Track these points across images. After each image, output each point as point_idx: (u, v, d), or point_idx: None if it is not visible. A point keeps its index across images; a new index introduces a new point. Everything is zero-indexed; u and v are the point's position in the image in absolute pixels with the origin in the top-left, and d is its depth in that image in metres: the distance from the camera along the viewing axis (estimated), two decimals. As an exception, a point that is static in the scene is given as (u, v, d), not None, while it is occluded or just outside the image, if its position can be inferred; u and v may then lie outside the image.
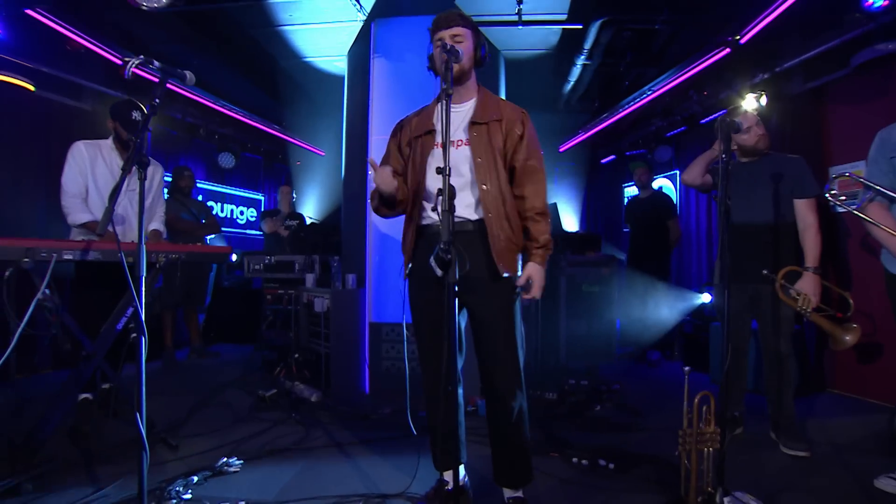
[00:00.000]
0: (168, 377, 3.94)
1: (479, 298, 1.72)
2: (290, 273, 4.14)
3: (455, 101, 1.79)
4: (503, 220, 1.69)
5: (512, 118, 1.75)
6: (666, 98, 4.93)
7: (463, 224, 1.71)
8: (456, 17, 1.73)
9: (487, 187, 1.68)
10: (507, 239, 1.69)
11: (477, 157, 1.70)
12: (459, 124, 1.77)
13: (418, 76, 3.42)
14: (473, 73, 1.81)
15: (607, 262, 4.34)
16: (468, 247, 1.67)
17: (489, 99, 1.80)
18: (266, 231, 5.19)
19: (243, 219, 7.04)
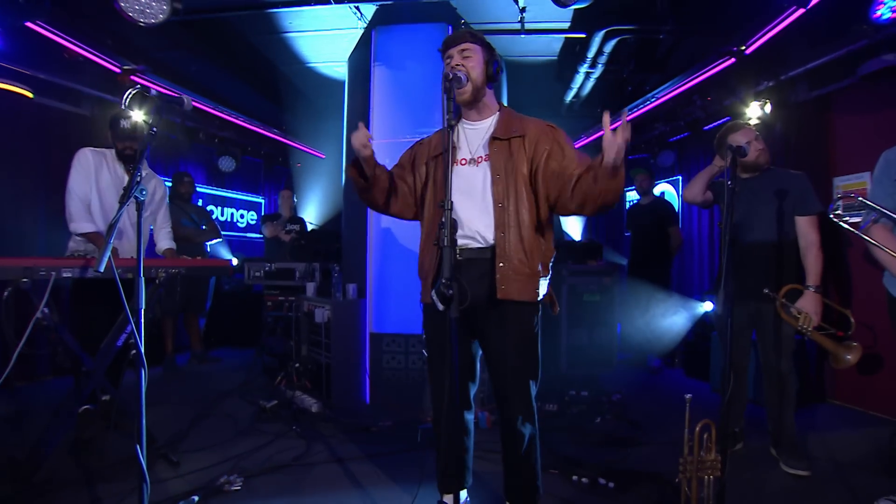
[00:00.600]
0: (169, 385, 3.95)
1: (489, 326, 1.70)
2: (291, 280, 4.16)
3: (474, 119, 1.78)
4: (517, 241, 1.64)
5: (536, 134, 1.70)
6: (669, 103, 4.92)
7: (481, 251, 1.67)
8: (465, 33, 1.71)
9: (504, 205, 1.65)
10: (519, 262, 1.63)
11: (496, 174, 1.66)
12: (479, 141, 1.74)
13: (419, 84, 3.43)
14: (489, 90, 1.78)
15: (609, 271, 4.34)
16: (482, 274, 1.64)
17: (512, 116, 1.77)
18: (267, 235, 5.19)
19: (244, 222, 7.03)
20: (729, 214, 1.71)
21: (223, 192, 6.69)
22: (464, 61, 1.69)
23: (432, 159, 1.79)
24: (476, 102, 1.74)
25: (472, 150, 1.73)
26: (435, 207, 1.74)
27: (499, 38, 4.18)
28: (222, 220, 6.64)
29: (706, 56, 3.89)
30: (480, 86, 1.73)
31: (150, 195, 2.86)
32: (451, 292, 1.34)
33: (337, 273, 3.57)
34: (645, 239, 4.69)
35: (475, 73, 1.70)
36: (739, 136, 2.42)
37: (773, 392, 2.40)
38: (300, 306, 3.77)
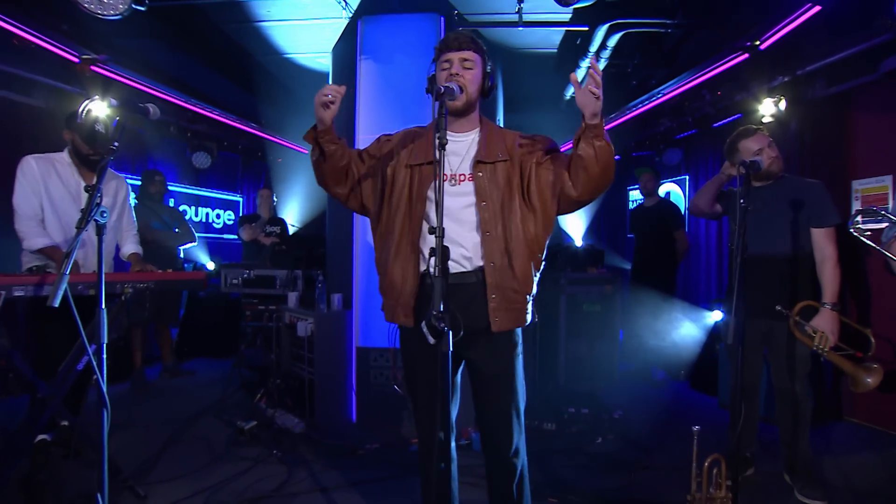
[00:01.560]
0: (137, 403, 3.87)
1: (478, 355, 1.69)
2: (272, 289, 4.10)
3: (456, 130, 1.73)
4: (508, 270, 1.63)
5: (521, 151, 1.69)
6: (676, 98, 4.90)
7: (465, 276, 1.64)
8: (468, 39, 1.66)
9: (492, 234, 1.63)
10: (512, 291, 1.63)
11: (481, 200, 1.64)
12: (462, 157, 1.71)
13: (409, 79, 3.38)
14: (478, 104, 1.75)
15: (610, 279, 4.33)
16: (470, 300, 1.63)
17: (493, 133, 1.74)
18: (245, 239, 5.11)
19: (220, 223, 6.94)
20: (741, 235, 1.69)
21: (197, 190, 6.59)
22: (463, 72, 1.65)
23: (407, 167, 1.72)
24: (463, 115, 1.71)
25: (454, 165, 1.70)
26: (410, 221, 1.68)
27: (495, 31, 4.14)
28: (197, 220, 6.55)
29: (717, 51, 3.86)
30: (474, 101, 1.70)
31: (112, 197, 2.78)
32: (443, 325, 1.31)
33: (321, 283, 3.52)
34: (649, 243, 4.68)
35: (472, 88, 1.67)
36: (752, 143, 2.39)
37: (787, 415, 2.40)
38: (281, 317, 3.73)
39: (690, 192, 5.74)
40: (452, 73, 1.63)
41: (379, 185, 1.75)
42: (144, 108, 1.46)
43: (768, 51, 3.64)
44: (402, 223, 1.70)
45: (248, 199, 7.34)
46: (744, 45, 3.64)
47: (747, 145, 2.40)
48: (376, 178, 1.76)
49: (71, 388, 2.16)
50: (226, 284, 4.20)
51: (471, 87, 1.66)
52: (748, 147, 2.40)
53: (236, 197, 7.25)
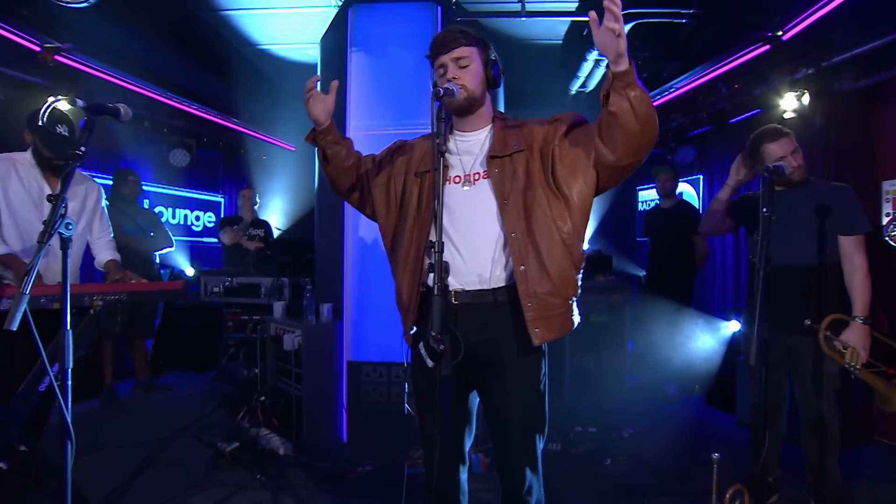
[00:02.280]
0: (107, 422, 3.79)
1: (490, 383, 1.64)
2: (256, 298, 4.06)
3: (466, 129, 1.71)
4: (541, 271, 1.55)
5: (541, 137, 1.62)
6: (689, 93, 4.89)
7: (480, 295, 1.58)
8: (456, 35, 1.62)
9: (518, 234, 1.56)
10: (547, 294, 1.55)
11: (502, 199, 1.58)
12: (476, 155, 1.67)
13: (404, 72, 3.37)
14: (487, 97, 1.71)
15: (619, 288, 4.29)
16: (485, 322, 1.57)
17: (507, 125, 1.69)
18: (226, 243, 5.05)
19: (200, 225, 6.90)
20: (764, 247, 1.65)
21: (175, 190, 6.54)
22: (460, 73, 1.61)
23: (417, 175, 1.71)
24: (469, 111, 1.68)
25: (466, 165, 1.67)
26: (417, 232, 1.67)
27: (496, 21, 4.10)
28: (174, 223, 6.50)
29: (735, 42, 3.84)
30: (479, 96, 1.66)
31: (80, 202, 2.72)
32: (441, 348, 1.28)
33: (309, 292, 3.48)
34: (666, 248, 4.65)
35: (473, 84, 1.63)
36: (776, 147, 2.36)
37: (813, 438, 2.36)
38: (266, 328, 3.69)
39: (705, 194, 5.73)
40: (449, 77, 1.60)
41: (392, 195, 1.76)
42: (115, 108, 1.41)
43: (791, 41, 3.61)
44: (410, 235, 1.68)
45: (229, 200, 7.30)
46: (765, 36, 3.61)
47: (771, 149, 2.37)
48: (388, 186, 1.77)
49: (32, 410, 2.10)
50: (206, 293, 4.16)
51: (471, 84, 1.62)
52: (772, 151, 2.36)
53: (217, 197, 7.20)
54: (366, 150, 3.75)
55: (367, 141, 3.42)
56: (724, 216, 2.59)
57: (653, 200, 6.53)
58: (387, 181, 1.77)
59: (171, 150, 5.73)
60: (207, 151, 6.54)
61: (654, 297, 4.54)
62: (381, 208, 1.77)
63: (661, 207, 4.78)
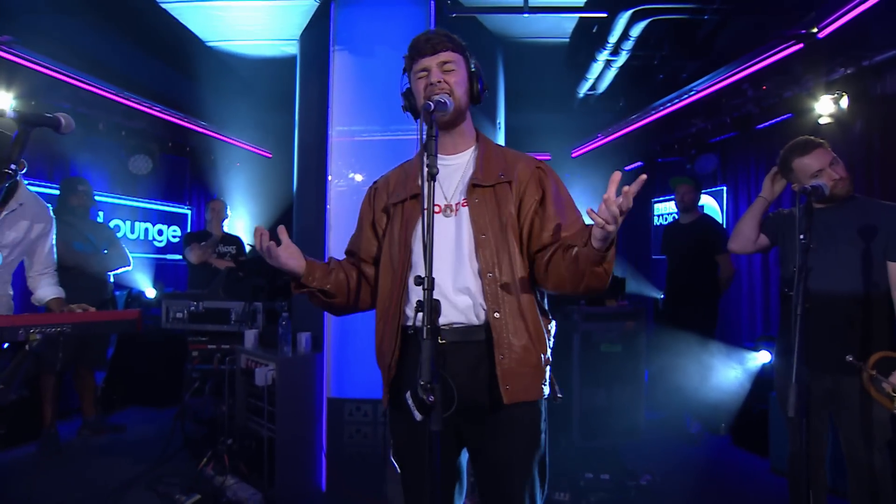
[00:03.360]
0: (47, 473, 3.65)
1: (481, 434, 1.60)
2: (225, 325, 4.00)
3: (448, 150, 1.70)
4: (518, 320, 1.56)
5: (526, 176, 1.64)
6: (711, 95, 4.92)
7: (471, 332, 1.57)
8: (443, 38, 1.63)
9: (495, 275, 1.56)
10: (523, 349, 1.55)
11: (480, 233, 1.58)
12: (456, 182, 1.67)
13: (392, 75, 3.27)
14: (469, 114, 1.71)
15: (633, 314, 4.25)
16: (476, 364, 1.56)
17: (492, 151, 1.70)
18: (192, 261, 4.99)
19: (162, 240, 6.85)
20: (802, 280, 1.61)
21: (135, 201, 6.50)
22: (446, 77, 1.60)
23: (392, 206, 1.72)
24: (452, 129, 1.67)
25: (448, 192, 1.66)
26: (395, 271, 1.66)
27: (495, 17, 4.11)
28: (133, 238, 6.44)
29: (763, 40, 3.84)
30: (464, 108, 1.66)
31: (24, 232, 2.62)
32: (432, 399, 1.25)
33: (285, 320, 3.42)
34: (686, 267, 4.62)
35: (459, 92, 1.62)
36: (810, 161, 2.32)
37: (863, 493, 2.30)
38: (236, 360, 3.64)
39: (729, 207, 5.73)
40: (433, 81, 1.58)
41: (376, 239, 1.78)
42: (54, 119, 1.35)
43: (828, 39, 3.62)
44: (388, 270, 1.68)
45: (197, 213, 7.26)
46: (797, 34, 3.62)
47: (805, 163, 2.33)
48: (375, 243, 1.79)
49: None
50: (168, 318, 4.09)
51: (458, 92, 1.62)
52: (806, 166, 2.33)
53: (183, 209, 7.17)
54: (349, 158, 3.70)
55: (352, 149, 3.42)
56: (756, 233, 2.57)
57: (670, 214, 6.54)
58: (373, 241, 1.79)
59: (130, 156, 5.69)
60: (172, 157, 6.50)
61: (672, 322, 4.51)
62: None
63: (681, 223, 4.76)
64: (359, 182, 3.43)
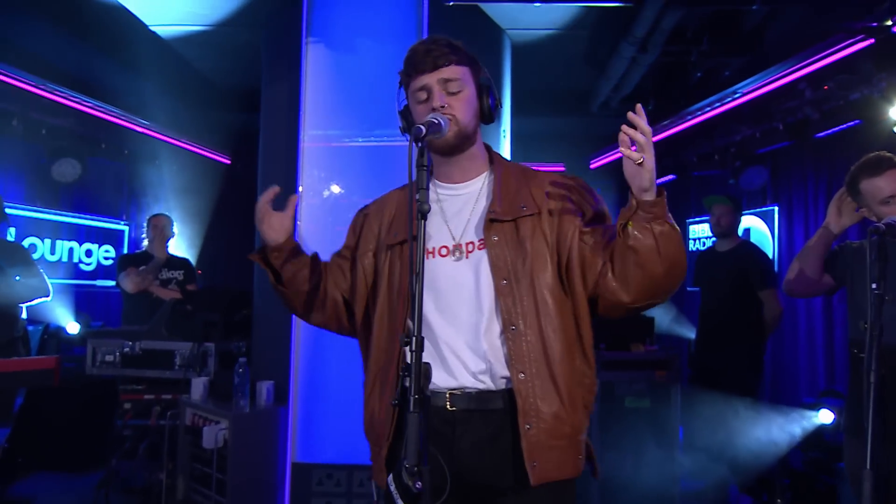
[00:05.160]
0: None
1: None
2: (167, 370, 3.98)
3: (454, 178, 1.73)
4: (547, 381, 1.56)
5: (557, 200, 1.65)
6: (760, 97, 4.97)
7: (487, 398, 1.59)
8: (445, 49, 1.63)
9: (519, 328, 1.57)
10: (553, 417, 1.55)
11: (500, 278, 1.59)
12: (466, 216, 1.69)
13: (376, 72, 3.43)
14: (479, 134, 1.74)
15: (664, 362, 4.28)
16: (493, 436, 1.57)
17: (511, 175, 1.71)
18: (128, 290, 4.99)
19: (92, 263, 6.83)
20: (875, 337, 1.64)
21: (58, 215, 6.49)
22: (451, 100, 1.62)
23: (387, 249, 1.74)
24: (458, 151, 1.68)
25: (456, 230, 1.68)
26: (395, 327, 1.67)
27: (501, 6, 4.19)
28: (54, 260, 6.41)
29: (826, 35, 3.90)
30: (471, 131, 1.67)
31: None
32: (419, 486, 1.25)
33: (243, 365, 3.43)
34: (721, 305, 4.65)
35: (466, 115, 1.64)
36: (883, 184, 2.36)
37: None
38: (180, 415, 3.64)
39: (781, 231, 5.80)
40: (435, 106, 1.60)
41: (361, 282, 1.80)
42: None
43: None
44: (382, 330, 1.70)
45: (136, 230, 7.26)
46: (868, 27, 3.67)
47: (875, 186, 2.36)
48: (359, 280, 1.81)
49: None
50: (95, 361, 4.09)
51: (463, 116, 1.63)
52: (877, 189, 2.36)
53: (118, 225, 7.17)
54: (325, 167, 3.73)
55: (328, 155, 3.46)
56: (819, 272, 2.55)
57: (709, 238, 6.60)
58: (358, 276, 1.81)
59: (53, 160, 5.69)
60: (106, 162, 6.52)
61: (705, 371, 4.55)
62: (342, 310, 1.84)
63: (716, 250, 4.80)
64: (336, 195, 3.47)
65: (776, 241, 5.79)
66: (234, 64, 5.28)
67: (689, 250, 7.10)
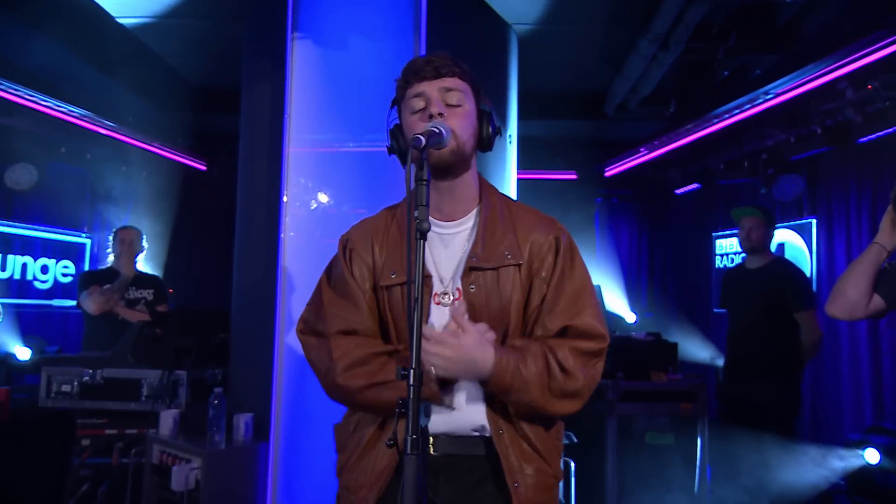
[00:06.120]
0: None
1: None
2: (132, 402, 4.00)
3: (444, 217, 1.76)
4: (524, 442, 1.67)
5: (538, 253, 1.72)
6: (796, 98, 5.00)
7: (464, 443, 1.65)
8: (447, 61, 1.68)
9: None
10: (537, 472, 1.66)
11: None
12: (456, 261, 1.73)
13: (369, 71, 3.47)
14: (474, 162, 1.77)
15: (688, 393, 4.28)
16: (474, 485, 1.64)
17: (498, 216, 1.76)
18: (91, 311, 4.99)
19: (48, 280, 6.84)
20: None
21: (10, 226, 6.52)
22: (449, 112, 1.65)
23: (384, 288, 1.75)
24: (451, 173, 1.70)
25: (445, 275, 1.73)
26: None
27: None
28: (5, 277, 6.44)
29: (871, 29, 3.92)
30: (468, 153, 1.71)
31: None
32: None
33: (219, 397, 3.43)
34: (752, 329, 4.67)
35: (465, 133, 1.67)
36: None
37: None
38: (147, 452, 3.63)
39: (820, 248, 5.83)
40: (433, 113, 1.63)
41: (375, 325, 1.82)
42: None
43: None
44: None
45: (99, 243, 7.27)
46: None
47: None
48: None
49: None
50: (50, 392, 4.09)
51: (462, 131, 1.66)
52: None
53: (80, 238, 7.18)
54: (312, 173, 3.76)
55: (315, 161, 3.48)
56: (868, 294, 2.55)
57: (738, 254, 6.62)
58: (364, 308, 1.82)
59: (5, 166, 5.74)
60: (66, 168, 6.54)
61: (735, 402, 4.56)
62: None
63: (746, 267, 4.82)
64: (324, 205, 3.47)
65: (814, 257, 5.81)
66: (212, 60, 5.32)
67: (715, 268, 7.15)
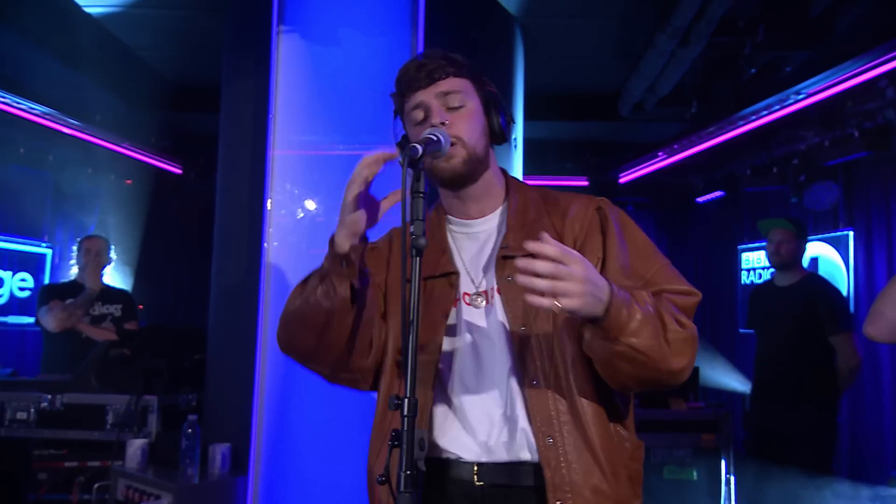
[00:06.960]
0: None
1: None
2: (96, 431, 4.00)
3: (471, 212, 1.77)
4: (582, 448, 1.57)
5: (579, 227, 1.68)
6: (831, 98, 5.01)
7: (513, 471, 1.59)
8: (442, 62, 1.68)
9: (541, 383, 1.59)
10: (593, 492, 1.55)
11: (517, 325, 1.63)
12: (486, 256, 1.73)
13: (362, 68, 3.49)
14: (492, 155, 1.78)
15: (711, 423, 4.28)
16: None
17: (529, 202, 1.75)
18: (51, 328, 5.00)
19: (3, 294, 6.87)
20: None
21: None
22: (453, 118, 1.66)
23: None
24: (469, 180, 1.71)
25: (476, 273, 1.73)
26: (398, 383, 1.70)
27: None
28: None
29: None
30: (481, 153, 1.70)
31: None
32: None
33: (193, 425, 3.44)
34: (784, 352, 4.66)
35: (472, 136, 1.67)
36: None
37: None
38: (111, 487, 3.62)
39: (858, 262, 5.83)
40: (435, 123, 1.63)
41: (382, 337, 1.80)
42: None
43: None
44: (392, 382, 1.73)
45: (61, 253, 7.30)
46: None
47: None
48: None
49: None
50: (3, 420, 4.07)
51: (469, 135, 1.66)
52: None
53: (40, 248, 7.21)
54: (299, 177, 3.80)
55: (303, 165, 3.51)
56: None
57: (766, 268, 6.63)
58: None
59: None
60: (26, 171, 6.58)
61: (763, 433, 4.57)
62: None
63: (776, 284, 4.82)
64: (312, 213, 3.48)
65: (851, 273, 5.81)
66: (189, 54, 5.35)
67: (740, 284, 7.15)
